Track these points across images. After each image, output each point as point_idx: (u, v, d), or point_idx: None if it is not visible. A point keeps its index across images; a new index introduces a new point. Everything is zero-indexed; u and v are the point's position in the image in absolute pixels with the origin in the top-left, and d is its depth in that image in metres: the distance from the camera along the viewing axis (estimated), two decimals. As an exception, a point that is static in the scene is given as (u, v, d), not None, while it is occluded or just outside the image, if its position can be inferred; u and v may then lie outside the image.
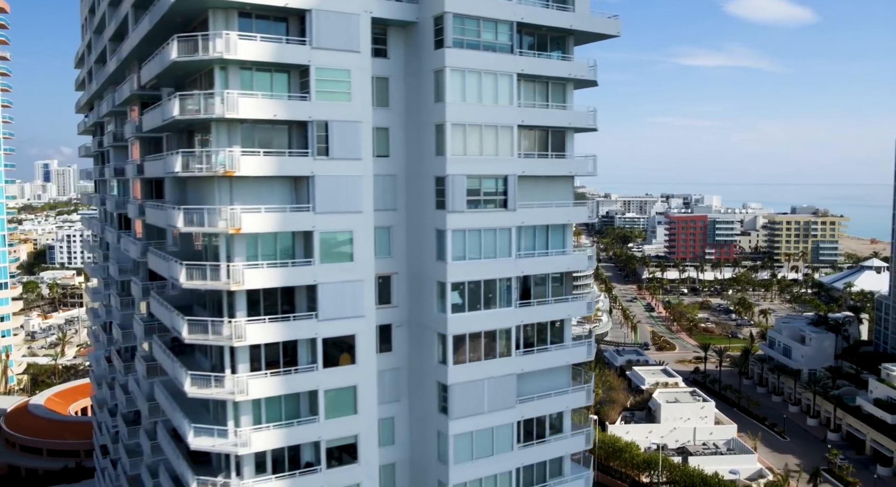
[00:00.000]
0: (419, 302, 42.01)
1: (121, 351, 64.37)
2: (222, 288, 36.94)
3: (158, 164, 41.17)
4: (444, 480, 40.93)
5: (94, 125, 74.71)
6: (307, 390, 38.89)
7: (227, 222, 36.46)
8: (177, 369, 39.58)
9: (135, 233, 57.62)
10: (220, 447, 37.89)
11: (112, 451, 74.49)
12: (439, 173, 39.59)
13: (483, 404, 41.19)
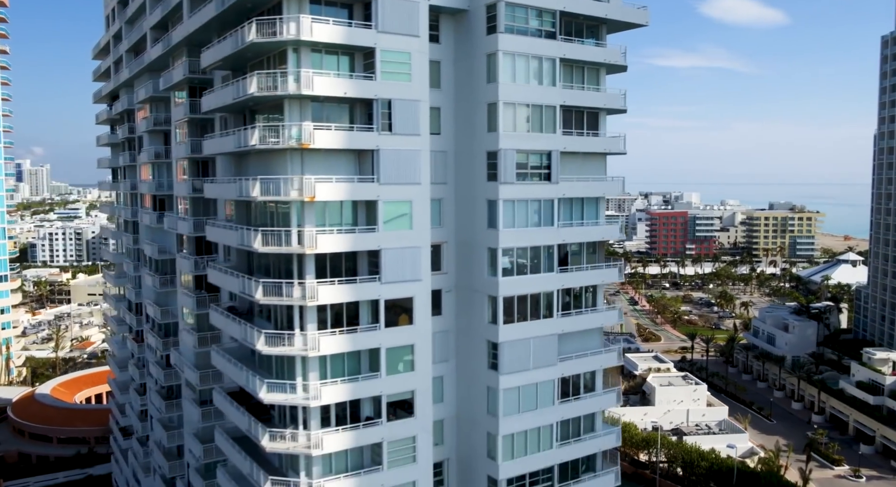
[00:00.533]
0: (468, 269, 45.60)
1: (156, 328, 66.96)
2: (296, 252, 40.21)
3: (226, 140, 44.13)
4: (494, 431, 44.56)
5: (121, 113, 77.02)
6: (371, 348, 42.23)
7: (301, 191, 39.77)
8: (247, 330, 42.67)
9: (178, 211, 60.48)
10: (291, 400, 41.12)
11: (139, 430, 76.87)
12: (491, 148, 43.25)
13: (529, 361, 44.92)
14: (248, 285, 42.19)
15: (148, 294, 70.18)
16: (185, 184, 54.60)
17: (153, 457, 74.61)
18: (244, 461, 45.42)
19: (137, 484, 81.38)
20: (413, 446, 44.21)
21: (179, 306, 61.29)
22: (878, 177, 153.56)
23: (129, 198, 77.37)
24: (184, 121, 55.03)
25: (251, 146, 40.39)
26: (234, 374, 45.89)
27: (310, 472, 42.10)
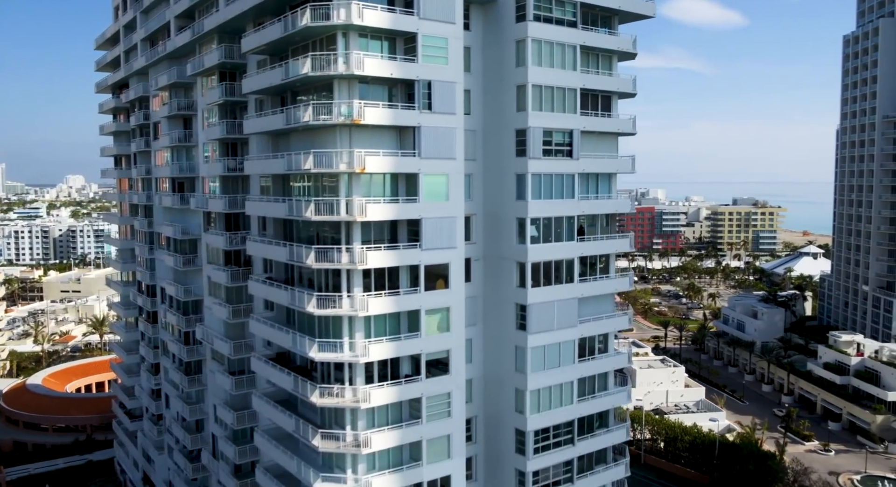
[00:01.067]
0: (497, 238, 49.72)
1: (176, 306, 69.65)
2: (345, 220, 43.88)
3: (274, 119, 47.39)
4: (522, 387, 48.75)
5: (133, 101, 79.37)
6: (411, 309, 46.05)
7: (349, 164, 43.45)
8: (297, 295, 46.13)
9: (203, 191, 63.42)
10: (340, 358, 44.74)
11: (153, 409, 79.37)
12: (520, 126, 47.48)
13: (553, 322, 49.23)
14: (298, 253, 45.65)
15: (166, 274, 72.81)
16: (218, 164, 57.58)
17: (168, 434, 77.30)
18: (288, 419, 48.81)
19: (149, 463, 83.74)
20: (448, 402, 48.15)
21: (205, 282, 64.15)
22: (840, 170, 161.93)
23: (142, 183, 79.69)
24: (216, 104, 58.02)
25: (304, 122, 43.94)
26: (278, 338, 49.26)
27: (355, 425, 45.77)
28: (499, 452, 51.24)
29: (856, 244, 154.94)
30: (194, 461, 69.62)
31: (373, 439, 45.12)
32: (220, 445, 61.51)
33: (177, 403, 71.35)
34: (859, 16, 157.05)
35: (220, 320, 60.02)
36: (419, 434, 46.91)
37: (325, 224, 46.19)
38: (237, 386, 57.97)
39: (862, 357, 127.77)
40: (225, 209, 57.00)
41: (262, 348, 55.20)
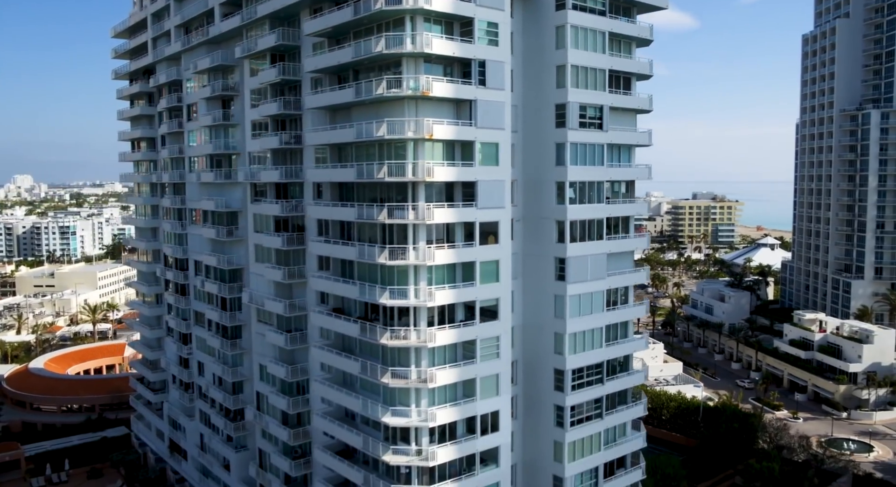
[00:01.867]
0: (536, 200, 56.67)
1: (216, 276, 74.89)
2: (411, 181, 50.32)
3: (345, 93, 53.36)
4: (562, 331, 55.84)
5: (162, 85, 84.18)
6: (467, 261, 52.69)
7: (416, 131, 49.94)
8: (367, 249, 52.35)
9: (248, 165, 68.95)
10: (409, 303, 51.12)
11: (184, 377, 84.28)
12: (560, 101, 54.61)
13: (587, 274, 56.47)
14: (368, 212, 51.91)
15: (202, 247, 77.88)
16: (272, 138, 63.13)
17: (200, 401, 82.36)
18: (353, 362, 54.99)
19: (177, 430, 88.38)
20: (497, 344, 54.96)
21: (251, 250, 69.57)
22: (800, 161, 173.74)
23: (171, 162, 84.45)
24: (269, 84, 63.70)
25: (377, 95, 50.32)
26: (343, 290, 55.43)
27: (419, 363, 52.20)
28: (538, 391, 58.15)
29: (815, 230, 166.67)
30: (235, 420, 74.93)
31: (437, 375, 51.65)
32: (269, 400, 67.02)
33: (215, 368, 76.49)
34: (817, 16, 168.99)
35: (271, 283, 65.66)
36: (474, 373, 53.57)
37: (385, 186, 52.60)
38: (291, 341, 63.70)
39: (824, 333, 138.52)
40: (281, 179, 62.70)
41: (316, 304, 61.06)
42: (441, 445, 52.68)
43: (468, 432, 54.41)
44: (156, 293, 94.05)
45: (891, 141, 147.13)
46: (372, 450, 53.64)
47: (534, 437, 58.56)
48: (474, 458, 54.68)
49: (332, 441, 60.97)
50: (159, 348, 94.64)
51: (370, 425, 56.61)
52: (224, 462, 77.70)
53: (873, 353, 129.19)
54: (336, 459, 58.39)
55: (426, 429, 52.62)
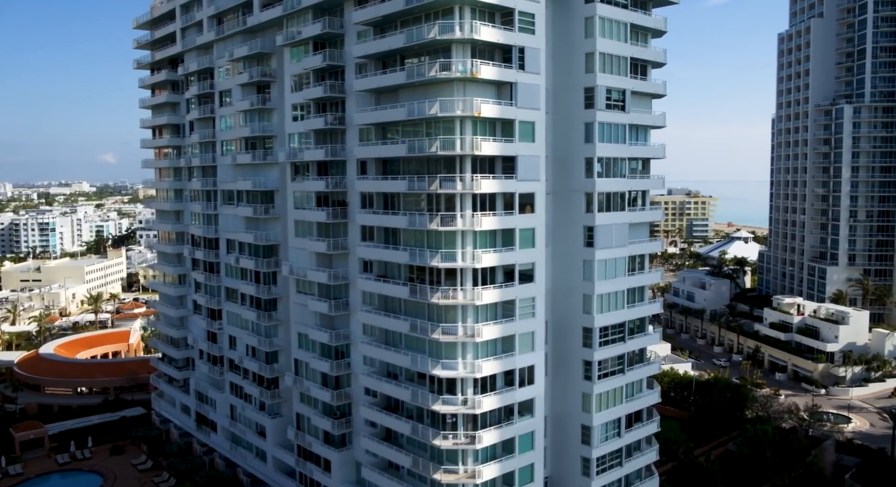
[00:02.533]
0: (566, 175, 62.87)
1: (250, 252, 79.93)
2: (459, 154, 56.18)
3: (396, 76, 58.83)
4: (590, 293, 62.17)
5: (190, 74, 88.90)
6: (509, 228, 58.71)
7: (464, 110, 55.85)
8: (417, 218, 58.04)
9: (288, 145, 74.15)
10: (457, 265, 56.95)
11: (214, 351, 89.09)
12: (589, 84, 60.94)
13: (612, 241, 62.90)
14: (419, 184, 57.68)
15: (236, 226, 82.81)
16: (318, 120, 68.41)
17: (230, 373, 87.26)
18: (403, 322, 60.67)
19: (204, 404, 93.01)
20: (533, 305, 61.11)
21: (290, 225, 74.71)
22: (777, 154, 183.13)
23: (201, 146, 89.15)
24: (313, 69, 69.02)
25: (430, 77, 56.16)
26: (393, 256, 61.03)
27: (466, 320, 58.08)
28: (567, 348, 64.34)
29: (791, 220, 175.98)
30: (270, 388, 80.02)
31: (483, 330, 57.61)
32: (311, 365, 72.22)
33: (249, 339, 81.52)
34: (792, 16, 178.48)
35: (313, 255, 70.98)
36: (513, 330, 59.64)
37: (430, 160, 58.41)
38: (334, 308, 69.11)
39: (802, 316, 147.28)
40: (326, 157, 68.08)
41: (360, 272, 66.60)
42: (485, 395, 58.61)
43: (506, 385, 60.43)
44: (179, 273, 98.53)
45: (863, 134, 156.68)
46: (422, 401, 59.33)
47: (563, 391, 64.75)
48: (513, 408, 60.75)
49: (374, 399, 66.48)
50: (182, 327, 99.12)
51: (414, 380, 62.25)
52: (259, 429, 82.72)
53: (849, 334, 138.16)
54: (382, 413, 64.01)
55: (471, 380, 58.50)
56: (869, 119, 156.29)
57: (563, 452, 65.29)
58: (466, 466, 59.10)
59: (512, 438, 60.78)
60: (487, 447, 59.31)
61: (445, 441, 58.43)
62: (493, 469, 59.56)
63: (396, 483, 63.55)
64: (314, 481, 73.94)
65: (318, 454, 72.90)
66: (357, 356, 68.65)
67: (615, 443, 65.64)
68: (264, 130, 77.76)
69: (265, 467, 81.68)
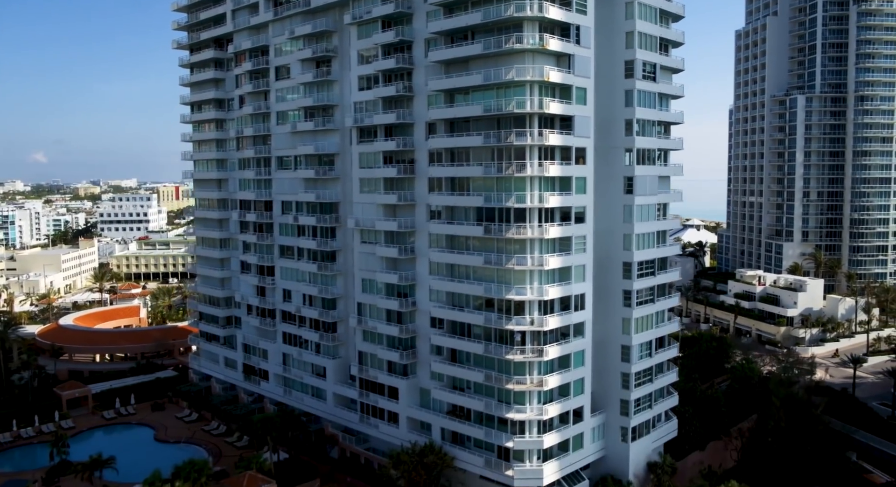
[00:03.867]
0: (608, 133, 75.73)
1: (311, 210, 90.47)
2: (529, 112, 68.48)
3: (473, 47, 70.71)
4: (630, 232, 75.32)
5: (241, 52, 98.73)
6: (566, 176, 71.28)
7: (534, 75, 68.22)
8: (493, 165, 70.04)
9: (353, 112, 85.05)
10: (527, 205, 69.12)
11: (266, 304, 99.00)
12: (629, 58, 74.18)
13: (646, 189, 76.23)
14: (495, 138, 69.69)
15: (295, 188, 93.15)
16: (389, 88, 79.63)
17: (283, 324, 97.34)
18: (477, 257, 72.51)
19: (252, 355, 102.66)
20: (584, 241, 73.92)
21: (355, 184, 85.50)
22: (735, 141, 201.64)
23: (252, 118, 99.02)
24: (382, 45, 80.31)
25: (507, 47, 68.35)
26: (467, 202, 72.82)
27: (534, 252, 70.30)
28: (608, 281, 77.20)
29: (749, 202, 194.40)
30: (329, 331, 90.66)
31: (549, 260, 70.02)
32: (379, 304, 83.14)
33: (308, 289, 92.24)
34: (748, 14, 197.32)
35: (380, 207, 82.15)
36: (570, 262, 72.29)
37: (496, 119, 70.61)
38: (402, 252, 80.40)
39: (764, 286, 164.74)
40: (396, 121, 79.46)
41: (427, 219, 78.18)
42: (549, 315, 71.04)
43: (563, 309, 72.93)
44: (220, 237, 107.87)
45: (814, 122, 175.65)
46: (495, 324, 71.34)
47: (605, 317, 77.56)
48: (569, 329, 73.33)
49: (441, 329, 77.95)
50: (224, 287, 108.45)
51: (482, 308, 74.02)
52: (316, 370, 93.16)
53: (806, 300, 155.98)
54: (455, 338, 75.76)
55: (537, 304, 70.85)
56: (819, 108, 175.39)
57: (604, 370, 78.15)
58: (533, 376, 71.37)
59: (568, 354, 73.40)
60: (550, 360, 71.69)
61: (517, 356, 70.62)
62: (555, 380, 72.06)
63: (466, 398, 75.35)
64: (378, 409, 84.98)
65: (383, 384, 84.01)
66: (422, 294, 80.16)
67: (647, 362, 79.03)
68: (327, 100, 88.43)
69: (324, 404, 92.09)
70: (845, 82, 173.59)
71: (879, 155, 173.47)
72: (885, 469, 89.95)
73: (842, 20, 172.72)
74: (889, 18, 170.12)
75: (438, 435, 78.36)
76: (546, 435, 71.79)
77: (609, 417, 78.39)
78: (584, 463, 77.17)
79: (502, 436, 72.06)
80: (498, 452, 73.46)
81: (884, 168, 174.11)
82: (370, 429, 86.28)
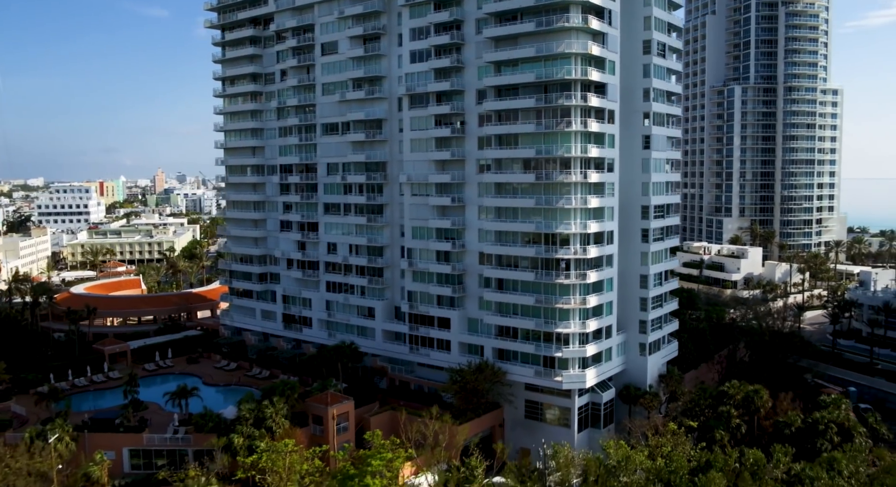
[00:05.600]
0: (630, 100, 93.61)
1: (362, 169, 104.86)
2: (574, 79, 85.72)
3: (526, 25, 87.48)
4: (647, 181, 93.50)
5: (286, 30, 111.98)
6: (600, 132, 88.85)
7: (580, 49, 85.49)
8: (543, 122, 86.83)
9: (405, 82, 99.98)
10: (572, 156, 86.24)
11: (309, 256, 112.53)
12: (647, 38, 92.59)
13: (660, 146, 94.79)
14: (547, 100, 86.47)
15: (342, 150, 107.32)
16: (444, 60, 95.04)
17: (327, 274, 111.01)
18: (528, 199, 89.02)
19: (294, 306, 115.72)
20: (613, 188, 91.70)
21: (406, 144, 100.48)
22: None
23: (294, 89, 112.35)
24: (433, 23, 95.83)
25: (558, 26, 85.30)
26: (515, 154, 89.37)
27: (576, 193, 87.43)
28: (629, 222, 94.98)
29: (691, 182, 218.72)
30: (376, 276, 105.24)
31: (591, 200, 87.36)
32: (430, 246, 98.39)
33: (357, 240, 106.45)
34: (688, 13, 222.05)
35: (432, 162, 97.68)
36: (605, 203, 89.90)
37: (545, 85, 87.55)
38: (453, 201, 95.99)
39: (709, 255, 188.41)
40: (450, 88, 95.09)
41: (475, 174, 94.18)
42: (590, 246, 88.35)
43: (596, 243, 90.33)
44: (255, 200, 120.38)
45: (749, 110, 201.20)
46: (545, 254, 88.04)
47: (627, 252, 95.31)
48: (602, 260, 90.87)
49: (489, 265, 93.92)
50: (258, 246, 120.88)
51: (531, 243, 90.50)
52: (363, 312, 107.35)
53: (747, 266, 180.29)
54: (504, 270, 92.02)
55: (580, 236, 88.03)
56: (753, 98, 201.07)
57: (625, 296, 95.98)
58: (577, 297, 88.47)
59: (602, 280, 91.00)
60: (591, 283, 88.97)
61: (565, 280, 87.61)
62: (595, 300, 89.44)
63: (518, 320, 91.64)
64: (429, 339, 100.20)
65: (434, 316, 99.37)
66: (470, 236, 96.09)
67: (659, 290, 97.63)
68: (376, 72, 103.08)
69: (372, 341, 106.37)
70: (776, 74, 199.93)
71: (805, 139, 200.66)
72: (835, 385, 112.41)
73: (772, 20, 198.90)
74: (812, 19, 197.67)
75: (489, 354, 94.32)
76: (588, 346, 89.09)
77: (629, 336, 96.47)
78: (611, 374, 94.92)
79: (551, 348, 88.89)
80: (544, 362, 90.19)
81: (809, 151, 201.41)
82: (420, 358, 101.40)
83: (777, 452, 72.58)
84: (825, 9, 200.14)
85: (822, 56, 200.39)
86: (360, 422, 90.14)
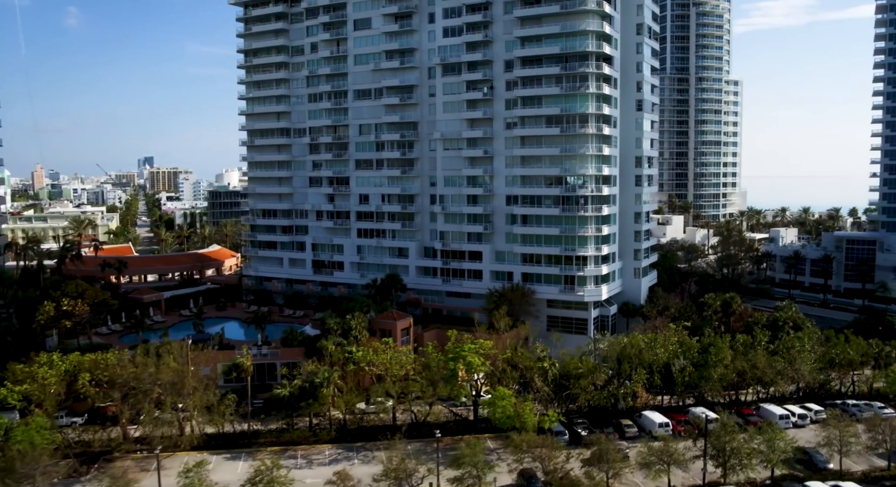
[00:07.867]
0: (625, 71, 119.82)
1: (389, 130, 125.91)
2: (589, 51, 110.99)
3: (552, 7, 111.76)
4: (640, 136, 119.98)
5: (317, 7, 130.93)
6: (608, 94, 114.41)
7: (595, 28, 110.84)
8: (564, 85, 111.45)
9: (437, 54, 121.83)
10: (588, 112, 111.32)
11: (341, 207, 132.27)
12: (640, 21, 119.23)
13: (650, 109, 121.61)
14: (569, 68, 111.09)
15: (375, 113, 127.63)
16: (475, 35, 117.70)
17: (358, 222, 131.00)
18: (554, 149, 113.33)
19: (324, 253, 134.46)
20: (616, 140, 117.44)
21: (440, 106, 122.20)
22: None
23: (325, 61, 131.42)
24: (465, 4, 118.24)
25: (579, 8, 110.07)
26: (538, 112, 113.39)
27: (592, 144, 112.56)
28: (625, 169, 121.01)
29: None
30: (409, 220, 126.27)
31: (604, 149, 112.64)
32: (462, 191, 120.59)
33: (390, 189, 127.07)
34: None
35: (464, 121, 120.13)
36: (611, 152, 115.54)
37: (566, 57, 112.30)
38: (484, 152, 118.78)
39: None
40: (480, 59, 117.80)
41: (504, 130, 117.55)
42: (604, 185, 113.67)
43: (604, 183, 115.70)
44: (281, 160, 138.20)
45: (666, 97, 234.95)
46: (568, 192, 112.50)
47: (624, 193, 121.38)
48: (609, 197, 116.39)
49: (516, 205, 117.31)
50: (280, 201, 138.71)
51: (553, 185, 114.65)
52: (395, 253, 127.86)
53: (672, 231, 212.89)
54: (531, 207, 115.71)
55: (594, 178, 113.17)
56: (669, 86, 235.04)
57: (622, 230, 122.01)
58: (592, 226, 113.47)
59: (609, 215, 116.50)
60: (605, 215, 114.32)
61: (584, 213, 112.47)
62: (607, 229, 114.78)
63: (544, 247, 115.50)
64: (461, 271, 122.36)
65: (466, 250, 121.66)
66: (498, 182, 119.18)
67: (647, 226, 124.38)
68: (408, 44, 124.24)
69: (406, 277, 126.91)
70: (688, 67, 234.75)
71: (713, 123, 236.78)
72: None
73: (685, 18, 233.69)
74: (718, 18, 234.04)
75: (517, 279, 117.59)
76: (602, 266, 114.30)
77: (626, 262, 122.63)
78: (614, 293, 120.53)
79: (573, 269, 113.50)
80: (566, 280, 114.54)
81: (716, 133, 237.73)
82: (453, 287, 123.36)
83: (758, 333, 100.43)
84: (728, 10, 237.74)
85: (726, 51, 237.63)
86: (416, 338, 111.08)
